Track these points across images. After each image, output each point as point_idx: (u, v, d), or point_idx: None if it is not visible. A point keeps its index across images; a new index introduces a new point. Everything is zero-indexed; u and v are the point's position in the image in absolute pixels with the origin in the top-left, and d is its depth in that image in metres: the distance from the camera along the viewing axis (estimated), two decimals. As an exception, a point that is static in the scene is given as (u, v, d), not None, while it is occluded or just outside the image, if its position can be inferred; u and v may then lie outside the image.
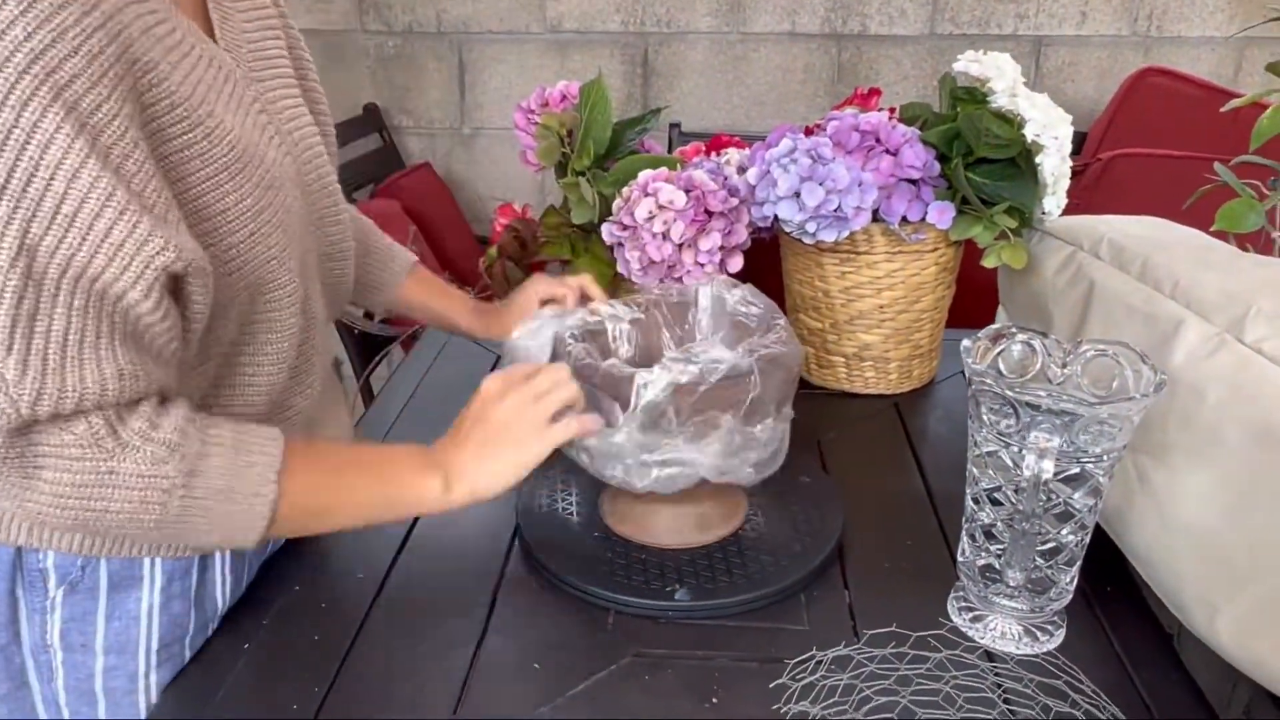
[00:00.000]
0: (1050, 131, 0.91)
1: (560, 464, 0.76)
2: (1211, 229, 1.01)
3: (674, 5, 2.06)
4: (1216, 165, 1.10)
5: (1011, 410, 0.61)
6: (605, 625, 0.72)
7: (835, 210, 0.90)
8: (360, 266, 0.89)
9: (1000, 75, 0.98)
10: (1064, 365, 0.69)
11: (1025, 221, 1.00)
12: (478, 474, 0.67)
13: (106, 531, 0.61)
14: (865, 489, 0.90)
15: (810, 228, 0.92)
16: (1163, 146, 1.63)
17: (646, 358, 0.84)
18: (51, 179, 0.48)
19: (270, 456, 0.61)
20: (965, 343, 0.67)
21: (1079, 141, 1.91)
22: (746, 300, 0.81)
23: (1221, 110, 1.17)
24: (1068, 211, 1.04)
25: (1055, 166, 0.92)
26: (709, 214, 1.02)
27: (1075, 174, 1.72)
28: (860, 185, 0.90)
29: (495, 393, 0.69)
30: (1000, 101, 0.94)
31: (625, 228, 1.02)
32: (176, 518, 0.58)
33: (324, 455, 0.67)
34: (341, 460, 0.68)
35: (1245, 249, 1.14)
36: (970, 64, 1.00)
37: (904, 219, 0.96)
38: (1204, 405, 0.68)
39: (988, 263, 0.98)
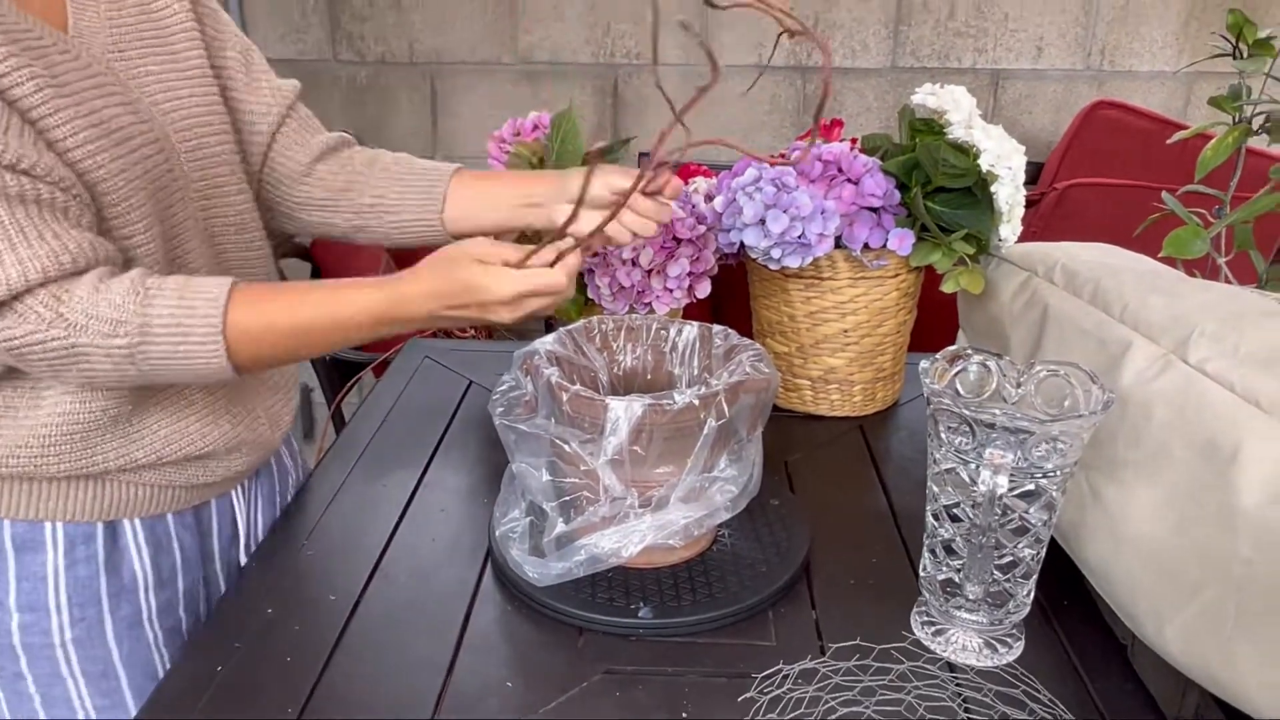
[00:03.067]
0: (1004, 162, 0.94)
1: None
2: (1160, 255, 1.05)
3: (643, 38, 2.11)
4: (1164, 194, 1.14)
5: (968, 428, 0.64)
6: (576, 644, 0.73)
7: (799, 237, 0.93)
8: (406, 173, 0.91)
9: (957, 107, 1.02)
10: (1018, 385, 0.72)
11: (982, 248, 1.03)
12: (439, 320, 0.75)
13: (114, 388, 0.71)
14: (831, 508, 0.92)
15: (775, 254, 0.94)
16: (1115, 176, 1.69)
17: (624, 386, 0.86)
18: None
19: (214, 309, 0.67)
20: (924, 363, 0.70)
21: (1035, 172, 1.97)
22: (724, 334, 0.83)
23: (1168, 142, 1.23)
24: (1025, 239, 1.08)
25: (1009, 195, 0.96)
26: (677, 241, 1.05)
27: (1031, 203, 1.77)
28: (823, 213, 0.93)
29: (498, 306, 0.73)
30: (957, 133, 0.97)
31: (595, 254, 1.05)
32: (154, 371, 0.67)
33: (281, 303, 0.72)
34: (300, 301, 0.72)
35: (1193, 274, 1.18)
36: (928, 96, 1.04)
37: (866, 245, 0.99)
38: (1151, 423, 0.71)
39: (946, 288, 1.01)
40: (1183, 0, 2.05)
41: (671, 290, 1.05)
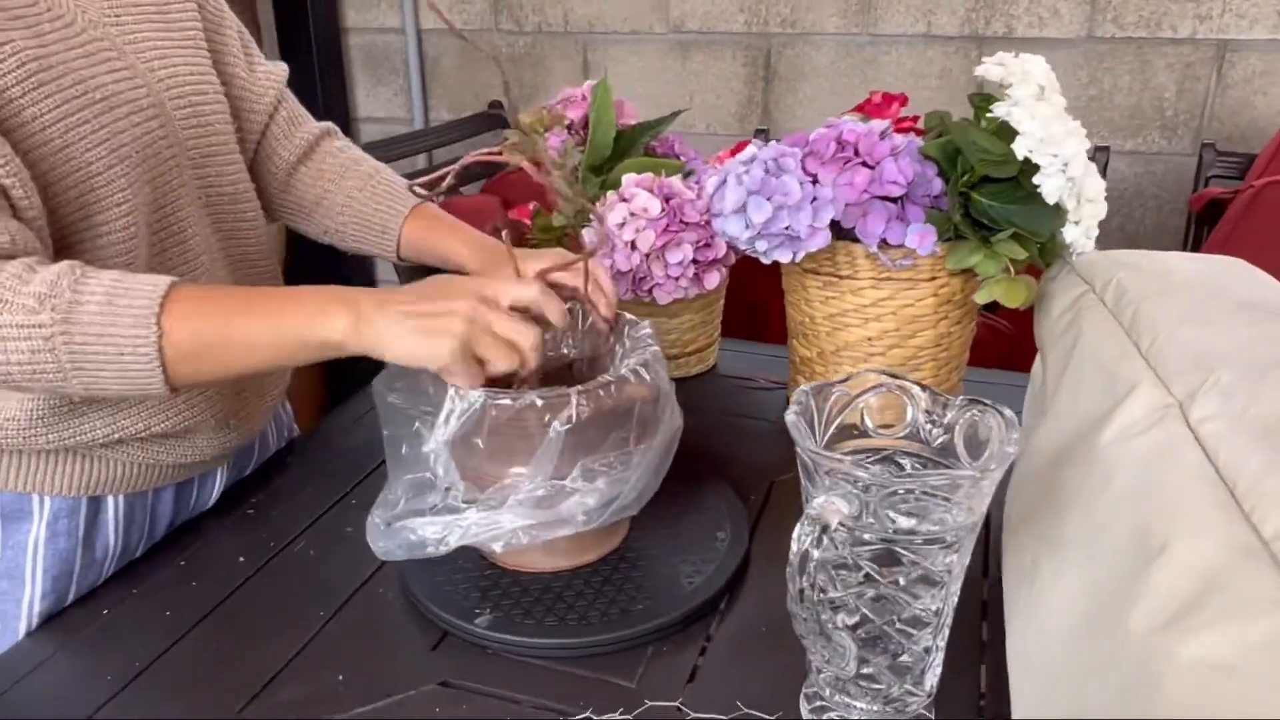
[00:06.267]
0: (1049, 148, 0.77)
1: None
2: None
3: (800, 5, 1.96)
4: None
5: (806, 469, 0.52)
6: (430, 649, 0.69)
7: (785, 228, 0.81)
8: (365, 207, 0.90)
9: (1025, 80, 0.85)
10: (942, 424, 0.58)
11: (1045, 252, 0.86)
12: (388, 330, 0.62)
13: (21, 387, 0.62)
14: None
15: (760, 246, 0.83)
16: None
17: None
18: None
19: (148, 301, 0.60)
20: (804, 385, 0.58)
21: (1247, 165, 1.62)
22: (636, 327, 0.75)
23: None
24: (1213, 247, 0.87)
25: (1058, 188, 0.78)
26: (684, 224, 0.95)
27: (1224, 201, 1.47)
28: (814, 201, 0.80)
29: (465, 289, 0.64)
30: (1001, 110, 0.81)
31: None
32: (74, 366, 0.60)
33: (221, 295, 0.65)
34: (240, 300, 0.65)
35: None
36: (994, 66, 0.87)
37: (885, 242, 0.85)
38: (1107, 494, 0.55)
39: (979, 298, 0.85)
40: None
41: (675, 278, 0.96)
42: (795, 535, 0.49)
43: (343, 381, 2.20)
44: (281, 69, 0.88)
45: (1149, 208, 1.92)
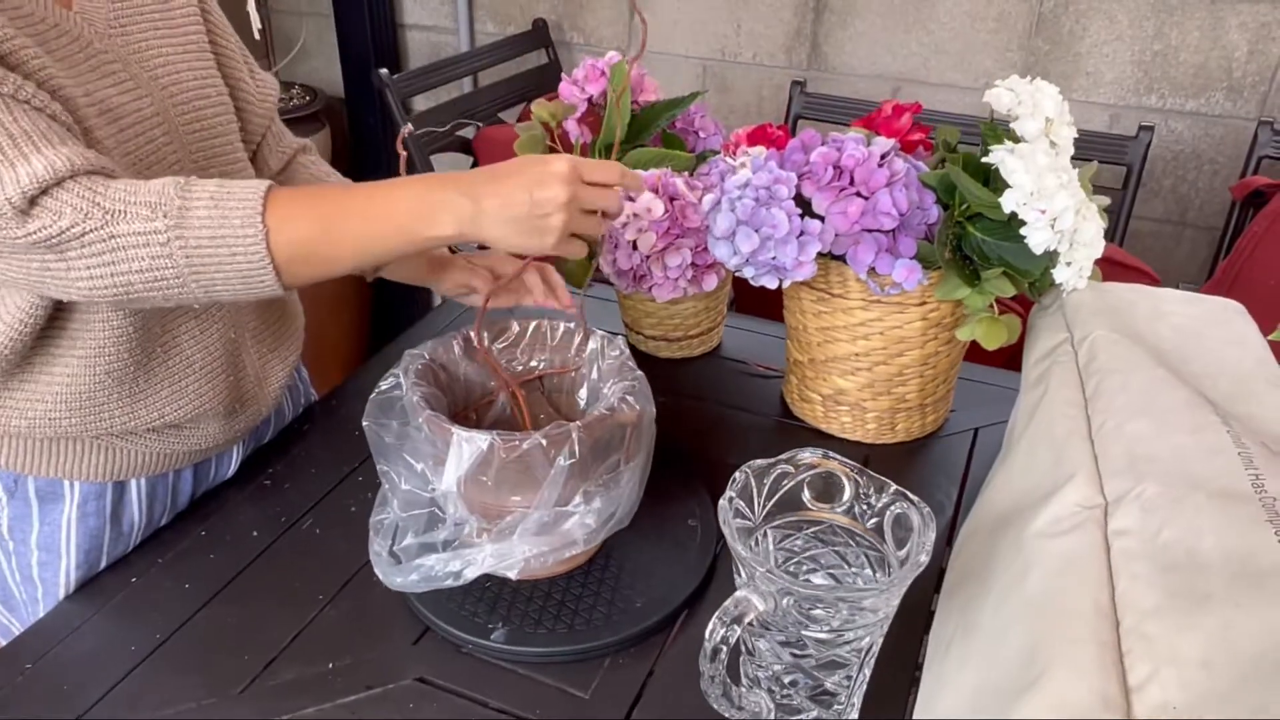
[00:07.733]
0: (1038, 203, 0.77)
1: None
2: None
3: (855, -64, 1.87)
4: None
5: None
6: (410, 642, 0.76)
7: (772, 258, 0.83)
8: None
9: (1034, 113, 0.84)
10: (875, 508, 0.62)
11: (1037, 287, 0.86)
12: (494, 229, 0.67)
13: (147, 299, 0.66)
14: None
15: (748, 272, 0.85)
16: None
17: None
18: None
19: (252, 199, 0.64)
20: (756, 462, 0.62)
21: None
22: (618, 350, 0.78)
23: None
24: (1251, 237, 0.85)
25: (1044, 242, 0.78)
26: (686, 230, 0.97)
27: (1268, 193, 1.42)
28: (800, 236, 0.81)
29: (558, 176, 0.67)
30: (996, 157, 0.80)
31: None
32: (191, 270, 0.64)
33: (317, 197, 0.68)
34: (339, 194, 0.69)
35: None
36: (1004, 92, 0.86)
37: (873, 270, 0.86)
38: (1020, 591, 0.58)
39: (960, 335, 0.86)
40: None
41: (674, 279, 0.99)
42: (710, 627, 0.54)
43: (388, 324, 2.26)
44: (273, 82, 0.91)
45: (1204, 171, 1.85)
